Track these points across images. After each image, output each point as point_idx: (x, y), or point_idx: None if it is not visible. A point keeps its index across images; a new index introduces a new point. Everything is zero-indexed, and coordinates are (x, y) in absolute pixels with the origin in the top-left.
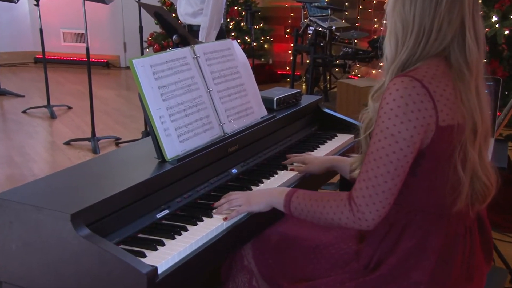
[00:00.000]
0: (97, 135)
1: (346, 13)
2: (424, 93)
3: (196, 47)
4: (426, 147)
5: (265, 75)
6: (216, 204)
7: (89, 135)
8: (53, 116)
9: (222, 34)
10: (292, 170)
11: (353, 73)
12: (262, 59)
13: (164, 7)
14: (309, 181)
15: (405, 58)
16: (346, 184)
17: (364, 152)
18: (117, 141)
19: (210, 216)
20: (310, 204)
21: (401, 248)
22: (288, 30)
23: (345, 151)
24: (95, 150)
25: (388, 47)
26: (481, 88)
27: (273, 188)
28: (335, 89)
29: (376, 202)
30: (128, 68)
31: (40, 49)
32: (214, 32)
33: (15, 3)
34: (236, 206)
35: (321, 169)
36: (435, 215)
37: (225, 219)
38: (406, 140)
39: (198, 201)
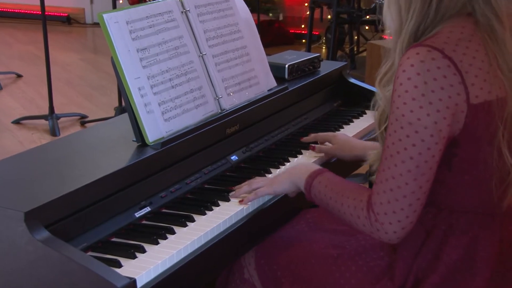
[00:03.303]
0: (56, 111)
1: None
2: (447, 65)
3: None
4: (459, 133)
5: (274, 35)
6: (236, 187)
7: (46, 111)
8: None
9: None
10: (312, 149)
11: (388, 32)
12: (270, 14)
13: None
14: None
15: (413, 26)
16: None
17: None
18: (83, 120)
19: (203, 214)
20: (329, 196)
21: (444, 261)
22: None
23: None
24: (54, 131)
25: (389, 17)
26: None
27: (302, 164)
28: (364, 53)
29: (396, 210)
30: (96, 24)
31: None
32: None
33: None
34: (256, 188)
35: (351, 155)
36: (483, 216)
37: (241, 201)
38: (428, 128)
39: (188, 196)
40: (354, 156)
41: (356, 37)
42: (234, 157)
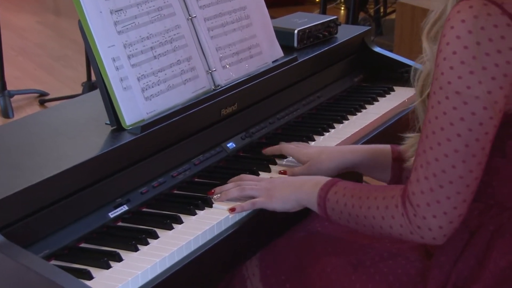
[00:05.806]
0: (9, 87)
1: None
2: (507, 23)
3: None
4: None
5: None
6: (217, 189)
7: None
8: None
9: None
10: (283, 173)
11: None
12: None
13: None
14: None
15: None
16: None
17: (422, 124)
18: (42, 98)
19: (193, 214)
20: (351, 204)
21: (490, 269)
22: None
23: (407, 116)
24: (6, 112)
25: None
26: None
27: (307, 178)
28: (393, 15)
29: (441, 199)
30: None
31: None
32: None
33: None
34: (250, 195)
35: (331, 170)
36: None
37: (232, 210)
38: (480, 99)
39: (175, 191)
40: (335, 169)
41: None
42: (231, 144)
